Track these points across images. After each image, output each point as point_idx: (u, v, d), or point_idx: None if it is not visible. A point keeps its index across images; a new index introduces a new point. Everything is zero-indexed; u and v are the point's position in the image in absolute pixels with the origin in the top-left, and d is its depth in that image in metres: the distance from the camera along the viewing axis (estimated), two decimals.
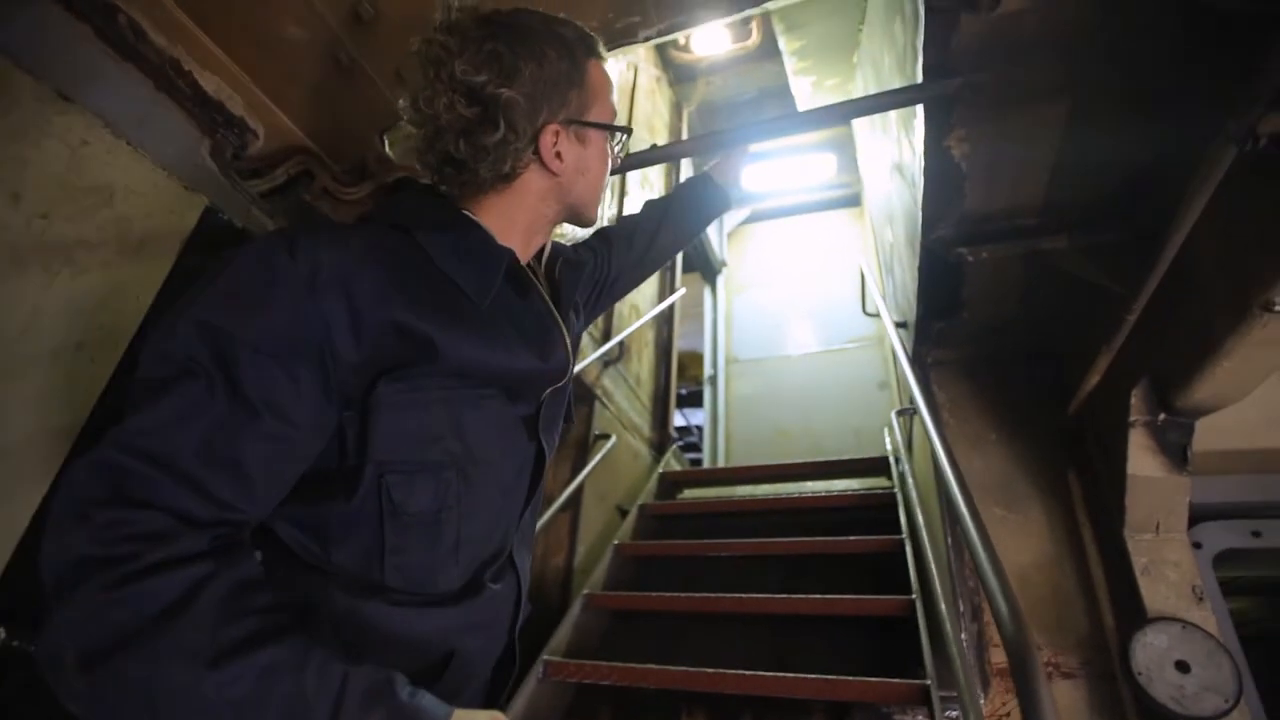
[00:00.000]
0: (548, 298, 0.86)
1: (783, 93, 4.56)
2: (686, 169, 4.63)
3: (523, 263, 0.83)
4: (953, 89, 1.38)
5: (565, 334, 0.85)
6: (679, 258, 4.45)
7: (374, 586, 0.66)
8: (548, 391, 0.83)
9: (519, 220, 0.82)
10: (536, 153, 0.79)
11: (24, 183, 1.07)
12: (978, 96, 1.42)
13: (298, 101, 1.61)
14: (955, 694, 1.61)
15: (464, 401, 0.71)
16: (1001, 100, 1.45)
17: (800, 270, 5.50)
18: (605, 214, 3.40)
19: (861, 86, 3.09)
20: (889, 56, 2.00)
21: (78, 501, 0.52)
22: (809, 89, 3.57)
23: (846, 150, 4.98)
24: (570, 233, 1.02)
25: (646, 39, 1.44)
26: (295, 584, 0.64)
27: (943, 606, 1.73)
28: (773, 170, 5.46)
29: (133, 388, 0.58)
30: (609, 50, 1.51)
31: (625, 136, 0.89)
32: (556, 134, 0.79)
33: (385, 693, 0.56)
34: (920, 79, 1.50)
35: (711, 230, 5.48)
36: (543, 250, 0.92)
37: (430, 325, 0.68)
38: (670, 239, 1.31)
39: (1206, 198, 1.17)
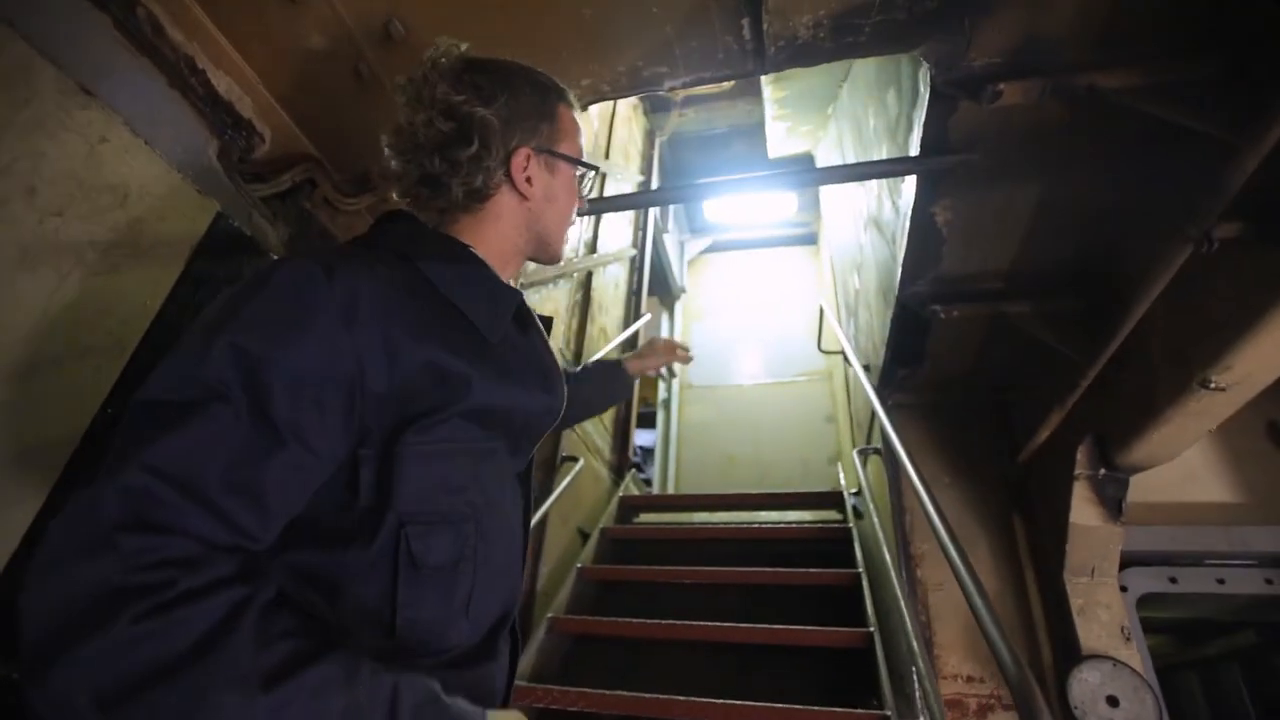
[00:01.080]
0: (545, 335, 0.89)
1: (752, 131, 4.76)
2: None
3: None
4: (948, 165, 1.51)
5: (560, 372, 0.87)
6: (645, 281, 4.52)
7: (381, 637, 0.63)
8: (545, 435, 0.84)
9: (494, 245, 0.83)
10: (508, 175, 0.82)
11: (40, 177, 1.02)
12: (968, 172, 1.56)
13: (308, 108, 1.59)
14: None
15: (481, 453, 0.72)
16: (987, 177, 1.60)
17: (756, 302, 5.69)
18: (581, 236, 3.45)
19: (834, 136, 3.27)
20: (876, 121, 2.14)
21: (99, 527, 0.49)
22: (783, 133, 3.74)
23: (807, 191, 5.22)
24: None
25: (671, 89, 1.51)
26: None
27: (912, 641, 1.83)
28: (735, 203, 5.64)
29: (155, 408, 0.55)
30: (633, 94, 1.58)
31: (593, 176, 0.93)
32: (528, 158, 0.82)
33: (435, 700, 0.57)
34: (913, 150, 1.63)
35: (673, 256, 5.60)
36: None
37: (464, 363, 0.68)
38: (572, 413, 1.23)
39: (1161, 286, 1.32)
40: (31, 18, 1.08)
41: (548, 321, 0.97)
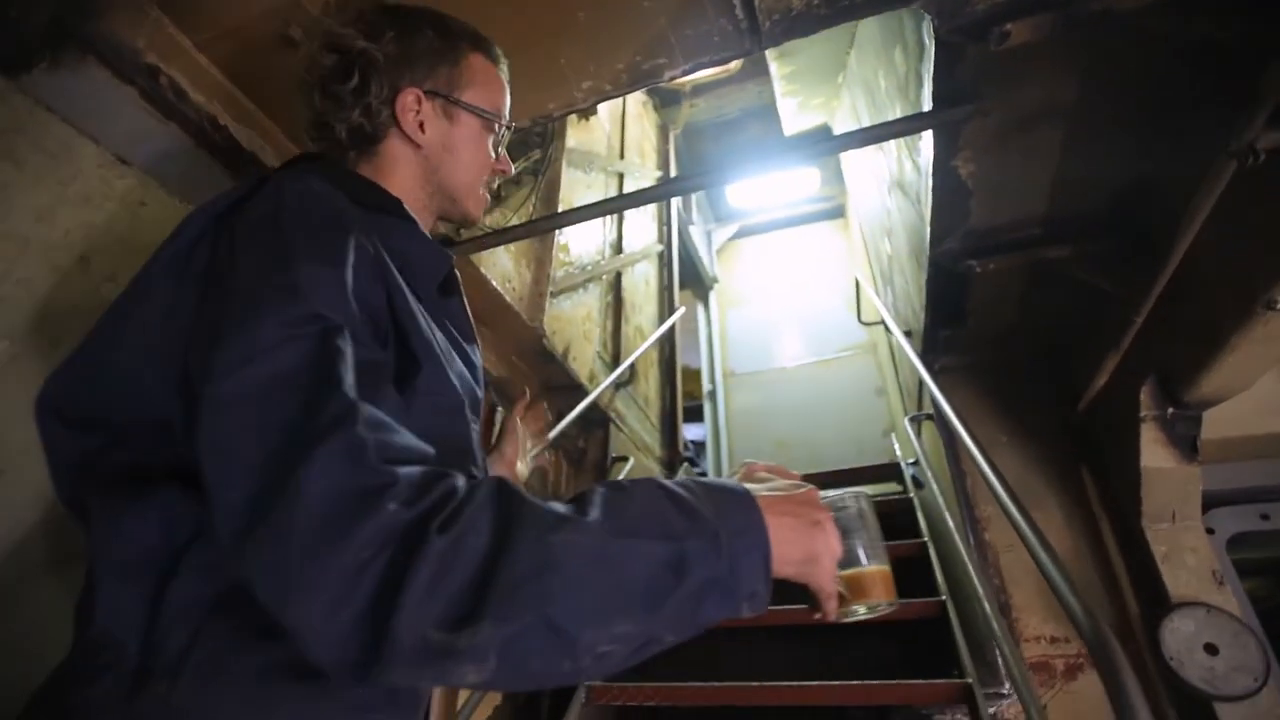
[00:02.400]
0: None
1: (764, 112, 4.71)
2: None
3: None
4: (963, 115, 1.47)
5: (478, 340, 0.80)
6: (676, 275, 4.52)
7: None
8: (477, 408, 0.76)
9: (400, 197, 0.75)
10: (394, 117, 0.75)
11: (92, 246, 1.10)
12: (985, 120, 1.51)
13: None
14: (996, 690, 1.66)
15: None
16: (1006, 121, 1.54)
17: (790, 282, 5.61)
18: (607, 237, 3.47)
19: (848, 105, 3.21)
20: (886, 81, 2.09)
21: (360, 491, 0.42)
22: (795, 109, 3.69)
23: (829, 164, 5.12)
24: None
25: (672, 79, 1.51)
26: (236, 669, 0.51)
27: (986, 606, 1.78)
28: (757, 186, 5.58)
29: (277, 356, 0.48)
30: (636, 89, 1.58)
31: (504, 131, 0.85)
32: (418, 100, 0.76)
33: (683, 478, 0.55)
34: (925, 105, 1.59)
35: (701, 247, 5.58)
36: None
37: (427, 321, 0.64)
38: None
39: (1208, 209, 1.26)
40: (69, 101, 1.17)
41: None
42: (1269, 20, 1.02)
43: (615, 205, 1.99)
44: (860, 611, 0.61)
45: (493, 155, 0.84)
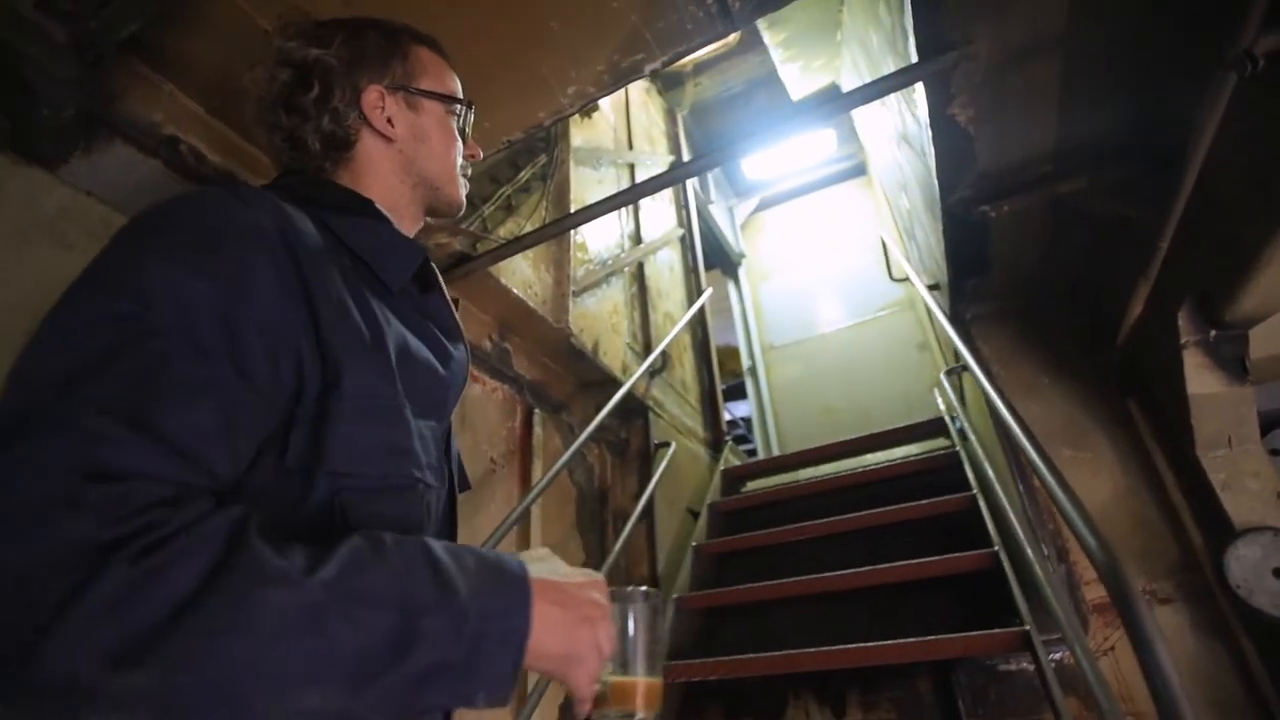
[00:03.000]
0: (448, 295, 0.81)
1: (769, 80, 4.64)
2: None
3: None
4: (950, 63, 1.45)
5: (462, 334, 0.80)
6: (700, 258, 4.52)
7: None
8: (455, 402, 0.77)
9: (379, 196, 0.77)
10: (364, 118, 0.76)
11: None
12: (974, 64, 1.48)
13: None
14: (1056, 636, 1.65)
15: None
16: (998, 61, 1.51)
17: (819, 247, 5.53)
18: (624, 229, 3.51)
19: (849, 62, 3.15)
20: (877, 36, 2.06)
21: (54, 484, 0.40)
22: (798, 73, 3.64)
23: (844, 122, 5.01)
24: None
25: (653, 72, 1.54)
26: None
27: (1029, 552, 1.77)
28: (773, 156, 5.51)
29: (76, 349, 0.46)
30: (620, 87, 1.62)
31: (466, 110, 0.86)
32: (381, 96, 0.77)
33: (462, 546, 0.53)
34: (914, 56, 1.57)
35: (724, 224, 5.55)
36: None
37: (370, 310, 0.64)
38: None
39: (1215, 125, 1.21)
40: (105, 182, 1.29)
41: (453, 303, 0.87)
42: None
43: (624, 199, 2.02)
44: (613, 715, 0.59)
45: (459, 140, 0.85)
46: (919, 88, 1.66)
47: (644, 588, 0.62)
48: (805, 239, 5.65)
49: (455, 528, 0.76)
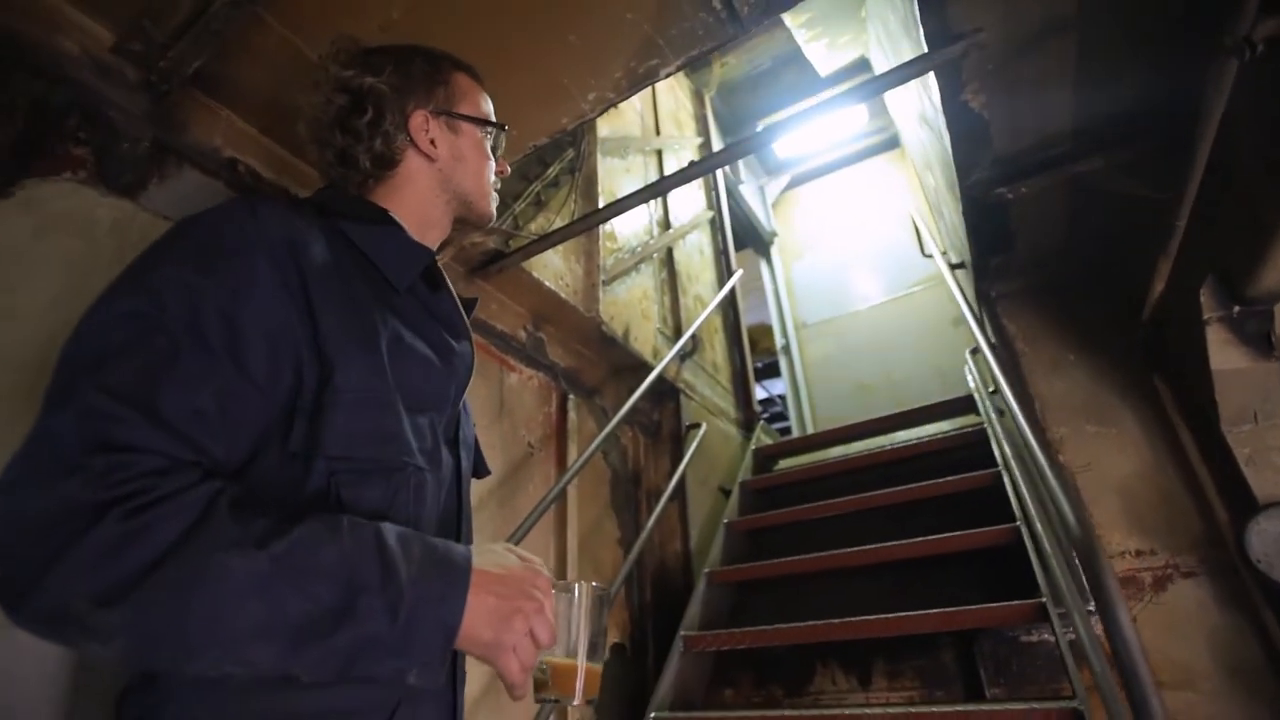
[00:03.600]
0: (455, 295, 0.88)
1: (797, 55, 4.59)
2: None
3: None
4: (959, 52, 1.47)
5: (469, 332, 0.87)
6: (730, 240, 4.56)
7: None
8: (464, 394, 0.84)
9: (414, 210, 0.85)
10: (411, 139, 0.84)
11: None
12: (985, 51, 1.51)
13: None
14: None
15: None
16: (1010, 47, 1.53)
17: (851, 224, 5.49)
18: (653, 216, 3.59)
19: (875, 37, 3.12)
20: (894, 16, 2.07)
21: (64, 453, 0.49)
22: (824, 51, 3.63)
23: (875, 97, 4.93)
24: None
25: (668, 75, 1.61)
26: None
27: (1038, 526, 1.81)
28: (803, 133, 5.45)
29: (97, 339, 0.56)
30: (638, 91, 1.69)
31: (498, 132, 0.94)
32: (426, 119, 0.85)
33: (414, 534, 0.59)
34: (925, 45, 1.60)
35: (755, 204, 5.55)
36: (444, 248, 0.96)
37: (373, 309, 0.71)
38: None
39: (1221, 108, 1.23)
40: (178, 206, 1.44)
41: (470, 303, 0.94)
42: None
43: (650, 193, 2.09)
44: (552, 699, 0.64)
45: (492, 158, 0.94)
46: (932, 77, 1.69)
47: (595, 582, 0.68)
48: (838, 215, 5.60)
49: (464, 508, 0.82)
